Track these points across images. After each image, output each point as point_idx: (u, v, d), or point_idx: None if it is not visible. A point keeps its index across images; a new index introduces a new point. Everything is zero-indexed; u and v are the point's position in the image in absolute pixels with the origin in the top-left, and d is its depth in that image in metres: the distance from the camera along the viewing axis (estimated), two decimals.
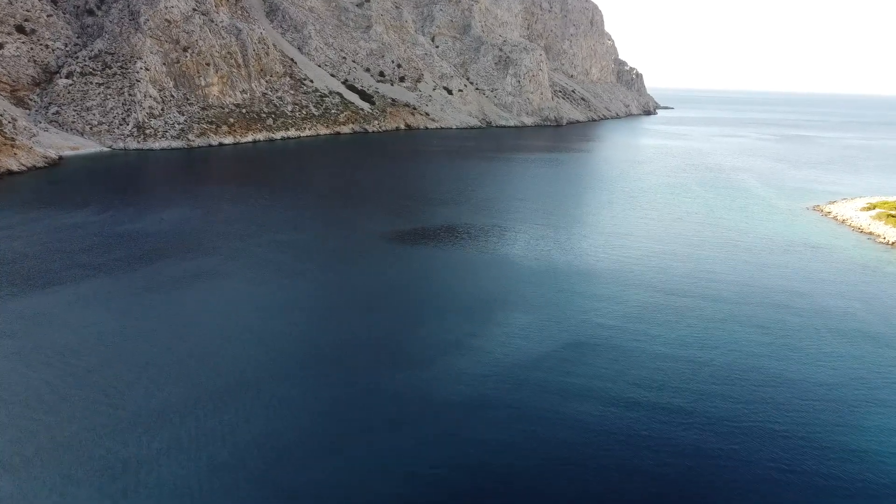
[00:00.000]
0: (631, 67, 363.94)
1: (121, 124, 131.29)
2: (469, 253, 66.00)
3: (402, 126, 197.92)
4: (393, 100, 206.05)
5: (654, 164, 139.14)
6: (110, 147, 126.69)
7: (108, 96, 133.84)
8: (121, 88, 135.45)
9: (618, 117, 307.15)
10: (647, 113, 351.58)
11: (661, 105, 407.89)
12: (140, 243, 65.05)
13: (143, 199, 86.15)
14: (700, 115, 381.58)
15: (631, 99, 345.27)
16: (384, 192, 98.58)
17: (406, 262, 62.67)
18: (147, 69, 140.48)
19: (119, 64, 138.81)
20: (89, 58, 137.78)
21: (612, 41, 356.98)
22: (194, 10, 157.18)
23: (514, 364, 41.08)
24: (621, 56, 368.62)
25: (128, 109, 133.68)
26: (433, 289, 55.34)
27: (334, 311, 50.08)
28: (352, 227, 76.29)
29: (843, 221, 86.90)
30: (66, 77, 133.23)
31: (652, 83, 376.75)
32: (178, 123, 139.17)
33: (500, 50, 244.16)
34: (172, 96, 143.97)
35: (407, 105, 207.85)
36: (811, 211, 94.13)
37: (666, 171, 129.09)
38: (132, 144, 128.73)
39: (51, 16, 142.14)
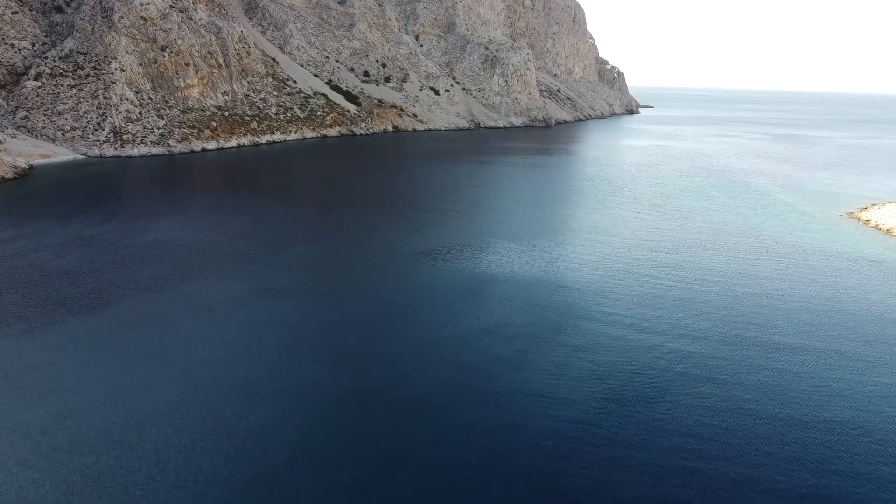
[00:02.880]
0: (613, 66, 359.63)
1: (96, 129, 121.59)
2: (513, 274, 58.83)
3: (390, 128, 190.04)
4: (379, 101, 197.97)
5: (663, 168, 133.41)
6: (85, 154, 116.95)
7: (81, 99, 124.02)
8: (95, 91, 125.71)
9: (602, 117, 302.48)
10: (630, 112, 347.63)
11: (641, 104, 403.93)
12: (136, 268, 56.71)
13: (130, 214, 77.31)
14: (683, 114, 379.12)
15: (614, 98, 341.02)
16: (390, 201, 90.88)
17: (450, 286, 55.14)
18: (122, 70, 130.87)
19: (92, 65, 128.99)
20: (59, 58, 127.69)
21: (593, 39, 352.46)
22: (171, 6, 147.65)
23: (603, 439, 34.05)
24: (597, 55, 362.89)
25: (103, 113, 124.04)
26: (488, 317, 47.98)
27: (395, 351, 42.42)
28: (371, 243, 68.65)
29: (889, 231, 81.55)
30: (35, 79, 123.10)
31: (628, 81, 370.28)
32: (158, 128, 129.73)
33: (487, 49, 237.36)
34: (150, 99, 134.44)
35: (394, 106, 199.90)
36: (847, 218, 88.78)
37: (678, 175, 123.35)
38: (108, 151, 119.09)
39: (16, 13, 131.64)
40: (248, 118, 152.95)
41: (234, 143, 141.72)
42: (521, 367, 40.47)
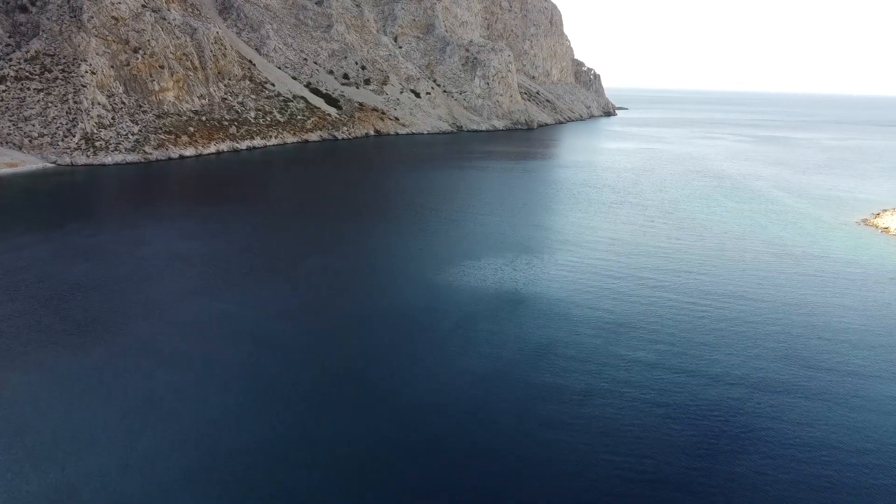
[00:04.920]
0: (589, 68, 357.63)
1: (66, 136, 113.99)
2: (543, 296, 54.13)
3: (372, 132, 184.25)
4: (360, 104, 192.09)
5: (660, 172, 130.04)
6: (55, 163, 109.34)
7: (50, 104, 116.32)
8: (64, 95, 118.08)
9: (581, 119, 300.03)
10: (608, 114, 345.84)
11: (616, 105, 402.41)
12: (127, 293, 50.65)
13: (111, 229, 70.78)
14: (659, 115, 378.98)
15: (591, 100, 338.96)
16: (387, 209, 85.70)
17: (476, 310, 50.04)
18: (93, 73, 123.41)
19: (60, 67, 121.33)
20: (25, 60, 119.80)
21: (569, 41, 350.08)
22: (144, 6, 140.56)
23: None
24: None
25: (73, 119, 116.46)
26: (529, 352, 43.15)
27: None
28: (378, 256, 63.49)
29: None
30: None
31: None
32: (133, 134, 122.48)
33: (467, 51, 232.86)
34: (123, 103, 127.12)
35: (375, 109, 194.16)
36: (864, 226, 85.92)
37: (677, 180, 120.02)
38: (80, 159, 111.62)
39: None
40: (226, 123, 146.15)
41: (212, 149, 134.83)
42: (581, 425, 35.61)
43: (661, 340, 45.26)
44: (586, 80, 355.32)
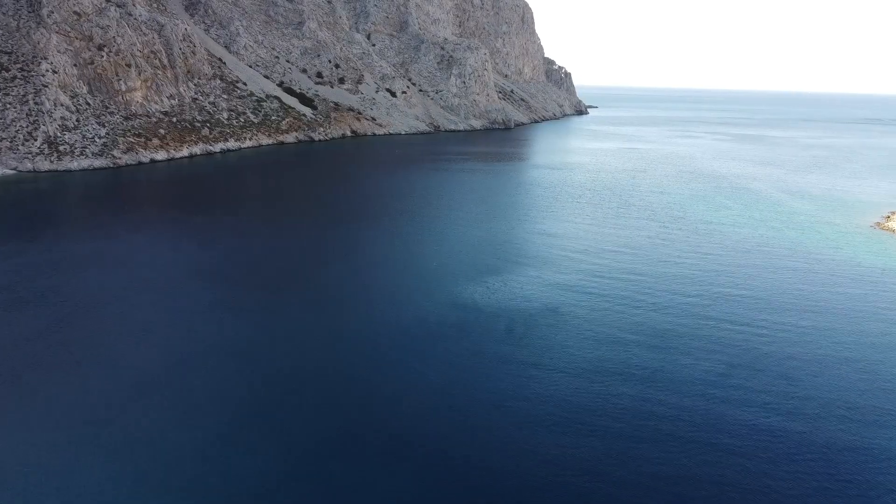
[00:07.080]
0: (560, 66, 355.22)
1: (27, 140, 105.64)
2: (579, 317, 49.37)
3: (349, 132, 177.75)
4: (336, 104, 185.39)
5: (653, 173, 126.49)
6: (15, 169, 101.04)
7: (8, 105, 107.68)
8: (23, 96, 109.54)
9: (555, 118, 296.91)
10: (580, 113, 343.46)
11: (587, 104, 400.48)
12: (115, 321, 44.34)
13: (85, 245, 63.76)
14: (631, 114, 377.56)
15: (563, 99, 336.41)
16: (392, 216, 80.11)
17: (503, 335, 45.05)
18: (55, 72, 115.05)
19: (19, 66, 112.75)
20: None
21: (540, 39, 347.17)
22: (108, 1, 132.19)
23: None
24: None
25: (34, 121, 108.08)
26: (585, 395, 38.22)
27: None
28: (382, 268, 57.90)
29: None
30: None
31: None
32: (99, 137, 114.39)
33: (442, 49, 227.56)
34: (88, 104, 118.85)
35: (351, 109, 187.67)
36: (878, 229, 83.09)
37: (674, 182, 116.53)
38: (44, 165, 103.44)
39: None
40: (198, 124, 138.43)
41: (185, 152, 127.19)
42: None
43: (738, 387, 38.76)
44: (557, 78, 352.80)
